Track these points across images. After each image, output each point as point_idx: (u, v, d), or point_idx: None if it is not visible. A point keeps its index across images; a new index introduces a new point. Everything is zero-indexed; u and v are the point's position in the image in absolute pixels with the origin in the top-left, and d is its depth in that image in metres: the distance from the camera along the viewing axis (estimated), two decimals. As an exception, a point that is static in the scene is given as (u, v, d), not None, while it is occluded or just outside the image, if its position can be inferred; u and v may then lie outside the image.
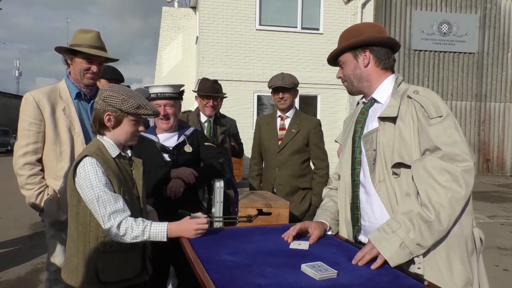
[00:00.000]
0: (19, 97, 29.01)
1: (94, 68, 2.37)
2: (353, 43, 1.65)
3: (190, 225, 1.65)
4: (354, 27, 1.72)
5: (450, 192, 1.35)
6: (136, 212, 1.76)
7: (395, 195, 1.48)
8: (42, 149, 2.30)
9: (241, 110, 10.66)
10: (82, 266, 1.70)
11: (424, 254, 1.39)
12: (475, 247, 1.45)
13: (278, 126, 3.25)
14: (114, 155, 1.75)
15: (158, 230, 1.66)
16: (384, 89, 1.65)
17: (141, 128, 1.80)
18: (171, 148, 2.44)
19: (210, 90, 3.32)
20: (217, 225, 2.08)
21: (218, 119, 3.71)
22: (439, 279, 1.35)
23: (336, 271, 1.25)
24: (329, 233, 1.69)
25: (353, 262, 1.36)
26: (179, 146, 2.47)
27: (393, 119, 1.51)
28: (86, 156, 1.67)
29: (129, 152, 1.86)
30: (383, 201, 1.52)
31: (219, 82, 3.52)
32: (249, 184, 3.49)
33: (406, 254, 1.35)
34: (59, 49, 2.39)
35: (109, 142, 1.76)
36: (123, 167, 1.79)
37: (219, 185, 2.31)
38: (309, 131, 3.16)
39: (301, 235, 1.62)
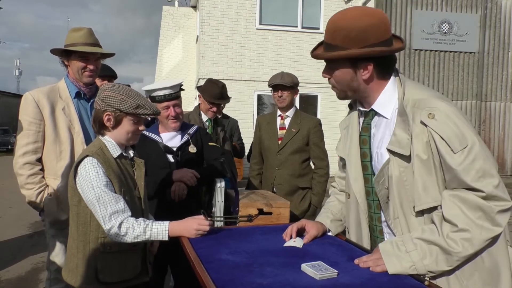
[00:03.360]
0: (20, 96, 28.98)
1: (90, 66, 2.36)
2: (355, 55, 1.34)
3: (192, 225, 1.64)
4: (353, 25, 1.33)
5: (484, 233, 1.22)
6: (137, 213, 1.76)
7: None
8: (42, 149, 2.30)
9: (241, 110, 10.64)
10: (82, 266, 1.70)
11: (451, 272, 1.28)
12: None
13: (278, 126, 3.24)
14: (115, 155, 1.75)
15: (160, 229, 1.65)
16: (387, 100, 1.41)
17: (141, 127, 1.79)
18: (175, 149, 2.41)
19: (217, 97, 3.23)
20: (218, 224, 2.07)
21: (219, 118, 3.68)
22: None
23: (337, 271, 1.25)
24: (329, 234, 1.68)
25: (355, 262, 1.35)
26: (183, 147, 2.44)
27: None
28: (87, 156, 1.67)
29: (131, 153, 1.85)
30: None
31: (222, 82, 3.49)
32: (247, 183, 3.48)
33: (412, 274, 1.27)
34: (54, 52, 2.39)
35: (110, 142, 1.75)
36: (125, 167, 1.79)
37: (220, 184, 2.30)
38: (309, 130, 3.15)
39: (298, 234, 1.60)
